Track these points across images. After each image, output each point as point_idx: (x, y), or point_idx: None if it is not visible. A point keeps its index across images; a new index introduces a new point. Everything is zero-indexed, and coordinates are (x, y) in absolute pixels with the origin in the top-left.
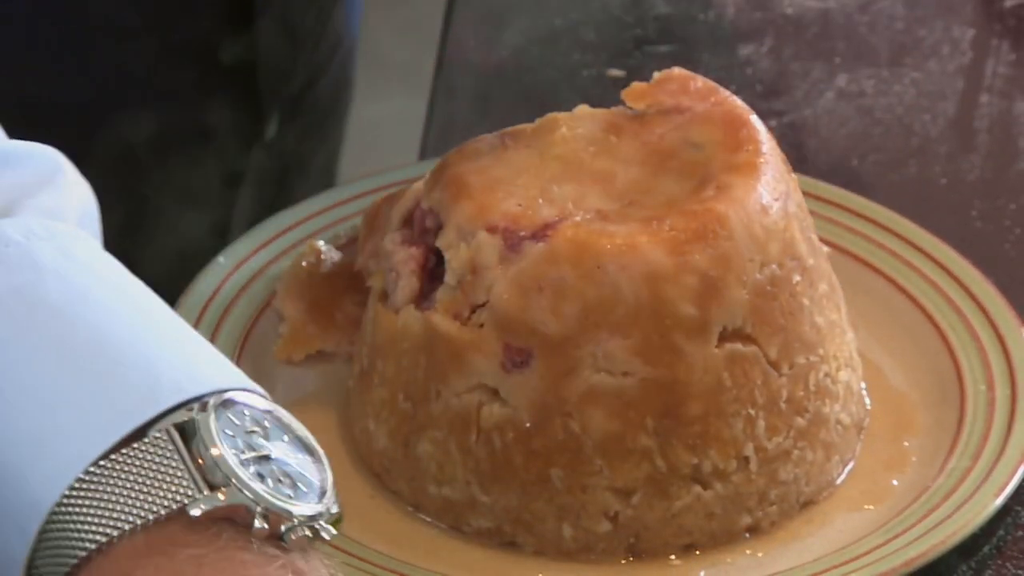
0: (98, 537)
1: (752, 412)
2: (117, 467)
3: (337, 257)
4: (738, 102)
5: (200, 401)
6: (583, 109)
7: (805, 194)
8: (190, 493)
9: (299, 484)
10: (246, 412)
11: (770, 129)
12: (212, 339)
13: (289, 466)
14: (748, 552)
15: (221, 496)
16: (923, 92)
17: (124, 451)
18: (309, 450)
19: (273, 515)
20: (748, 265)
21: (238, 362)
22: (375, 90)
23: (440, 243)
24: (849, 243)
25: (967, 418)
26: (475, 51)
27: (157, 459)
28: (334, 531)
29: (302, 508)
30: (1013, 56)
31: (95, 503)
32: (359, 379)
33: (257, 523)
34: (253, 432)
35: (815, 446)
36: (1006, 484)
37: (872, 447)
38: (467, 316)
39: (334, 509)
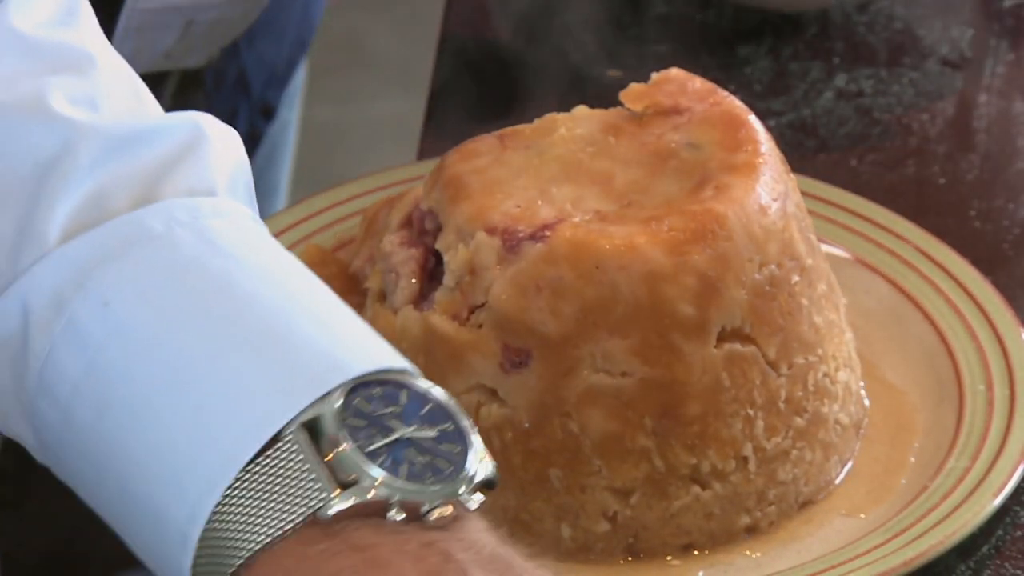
0: (241, 552)
1: (751, 412)
2: (256, 475)
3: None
4: (737, 102)
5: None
6: (582, 109)
7: (804, 194)
8: (323, 496)
9: (437, 462)
10: (376, 392)
11: (769, 129)
12: None
13: (426, 444)
14: (747, 552)
15: (353, 497)
16: (921, 92)
17: (263, 456)
18: (452, 418)
19: (410, 503)
20: (747, 265)
21: None
22: (375, 90)
23: (439, 245)
24: (848, 243)
25: (966, 418)
26: (474, 51)
27: (288, 463)
28: (482, 498)
29: (439, 488)
30: (1012, 56)
31: (241, 511)
32: None
33: (391, 513)
34: (385, 414)
35: (814, 446)
36: (1005, 484)
37: (871, 447)
38: (466, 317)
39: (480, 476)
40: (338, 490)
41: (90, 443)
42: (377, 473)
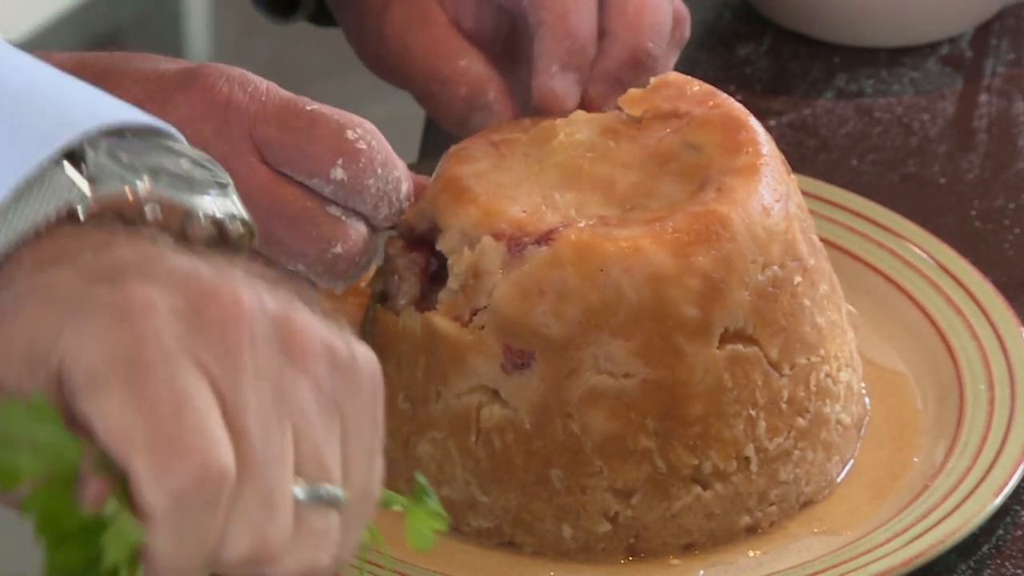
0: None
1: (753, 413)
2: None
3: None
4: (736, 105)
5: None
6: (580, 114)
7: (805, 194)
8: (78, 193)
9: (195, 184)
10: (140, 141)
11: (769, 129)
12: None
13: (184, 170)
14: (748, 552)
15: (109, 189)
16: (922, 91)
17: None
18: (212, 168)
19: (167, 207)
20: (750, 267)
21: None
22: (375, 90)
23: (442, 247)
24: (849, 243)
25: (966, 418)
26: None
27: (45, 178)
28: (242, 230)
29: (197, 200)
30: (1012, 55)
31: None
32: None
33: (148, 211)
34: (147, 154)
35: (816, 446)
36: (1005, 483)
37: (872, 447)
38: (468, 319)
39: (236, 211)
40: (90, 184)
41: None
42: (136, 176)
